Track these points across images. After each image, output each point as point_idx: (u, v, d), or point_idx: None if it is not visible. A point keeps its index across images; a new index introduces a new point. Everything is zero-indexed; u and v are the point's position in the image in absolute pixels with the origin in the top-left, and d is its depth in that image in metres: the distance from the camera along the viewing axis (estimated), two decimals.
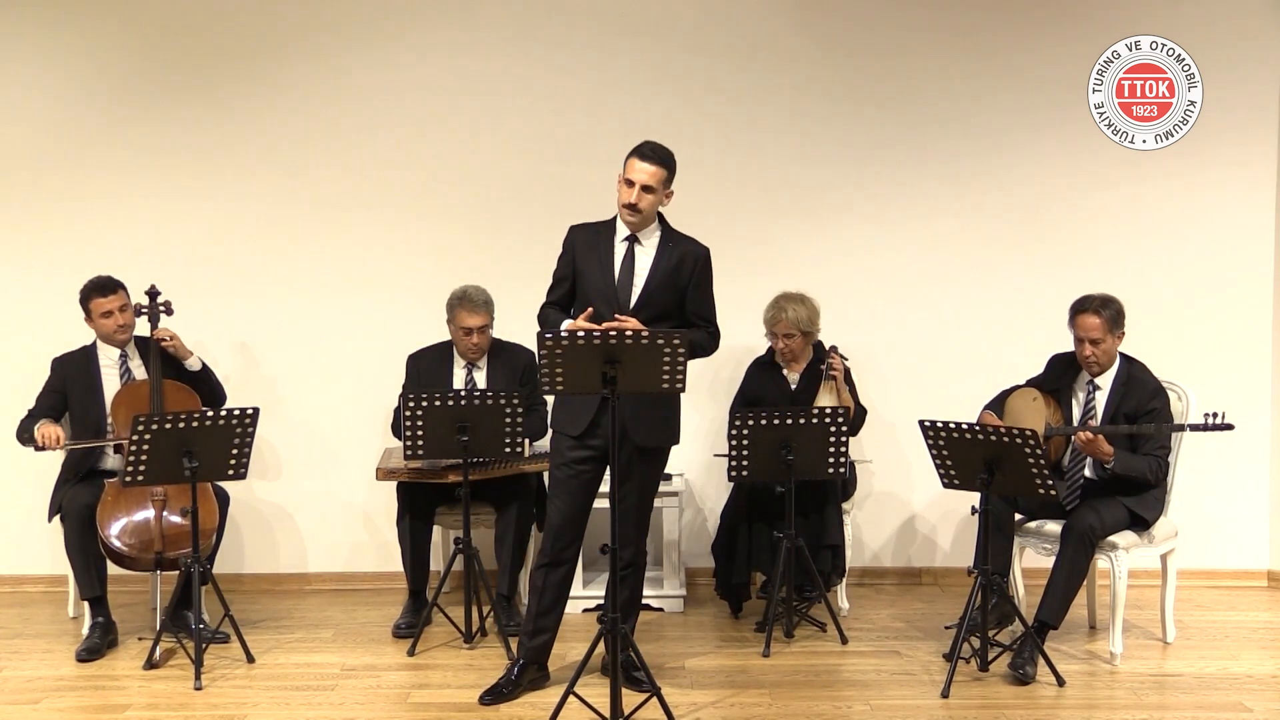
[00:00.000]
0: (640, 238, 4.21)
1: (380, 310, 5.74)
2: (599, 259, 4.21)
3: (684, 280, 4.22)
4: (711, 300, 4.32)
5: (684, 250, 4.24)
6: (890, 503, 5.87)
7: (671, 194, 4.23)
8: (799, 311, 5.20)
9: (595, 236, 4.26)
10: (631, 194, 4.12)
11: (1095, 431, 4.45)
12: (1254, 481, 5.78)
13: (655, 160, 4.14)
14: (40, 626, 5.22)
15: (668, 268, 4.19)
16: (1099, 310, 4.65)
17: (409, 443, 4.74)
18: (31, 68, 5.70)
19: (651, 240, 4.22)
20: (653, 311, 4.16)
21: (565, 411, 4.24)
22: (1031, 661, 4.40)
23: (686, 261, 4.22)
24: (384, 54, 5.71)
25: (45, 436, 4.80)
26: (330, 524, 5.84)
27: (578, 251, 4.25)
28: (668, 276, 4.19)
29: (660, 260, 4.20)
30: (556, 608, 4.33)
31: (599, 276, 4.19)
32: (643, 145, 4.18)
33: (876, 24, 5.73)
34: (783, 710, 4.18)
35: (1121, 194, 5.74)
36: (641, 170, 4.13)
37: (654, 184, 4.13)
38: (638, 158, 4.14)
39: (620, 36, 5.72)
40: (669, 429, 4.26)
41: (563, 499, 4.24)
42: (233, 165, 5.72)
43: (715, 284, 5.69)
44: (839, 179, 5.78)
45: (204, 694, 4.35)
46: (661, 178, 4.14)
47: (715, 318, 4.33)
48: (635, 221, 4.17)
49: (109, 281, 5.00)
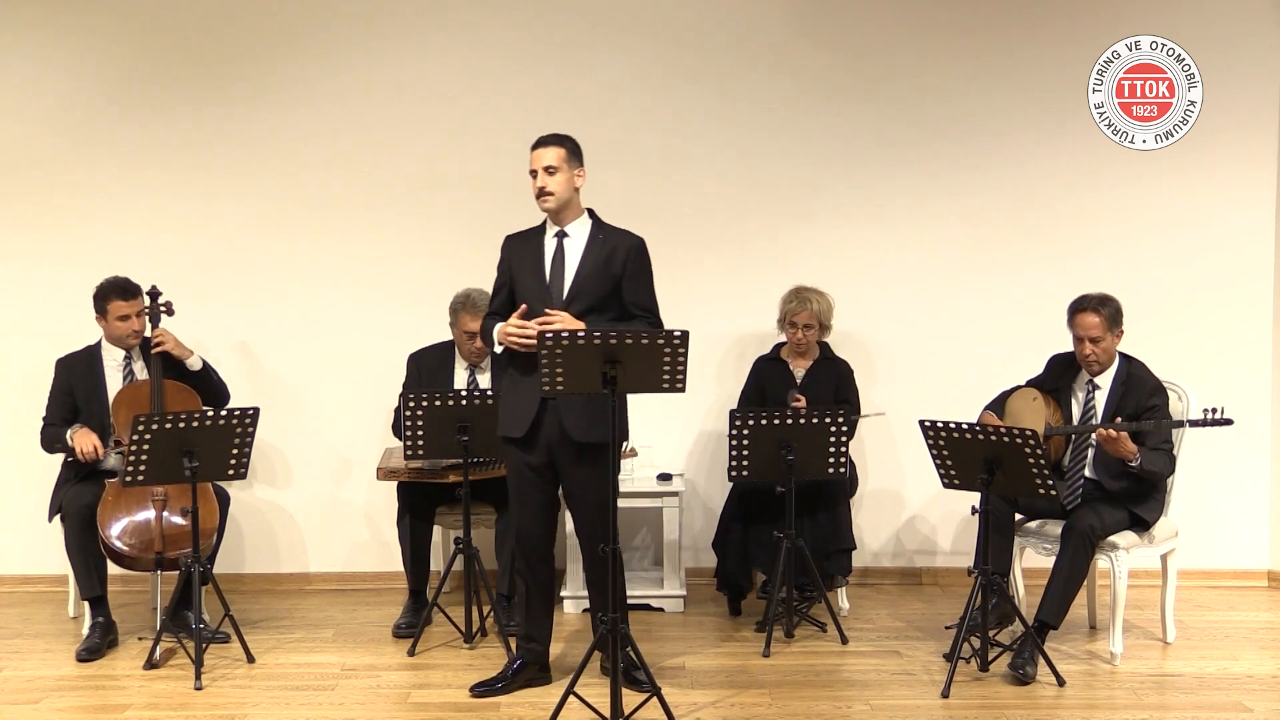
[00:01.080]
0: (569, 231, 4.20)
1: (381, 310, 5.75)
2: (530, 259, 4.21)
3: (617, 271, 4.16)
4: (650, 289, 4.23)
5: (616, 242, 4.19)
6: (890, 503, 5.87)
7: (583, 173, 4.20)
8: (821, 303, 5.25)
9: (526, 241, 4.27)
10: (538, 180, 4.15)
11: (1119, 429, 4.40)
12: (1254, 481, 5.78)
13: (551, 143, 4.17)
14: (40, 626, 5.22)
15: (598, 259, 4.16)
16: (1098, 309, 4.65)
17: (409, 443, 4.75)
18: (32, 68, 5.70)
19: (580, 233, 4.20)
20: (585, 304, 4.12)
21: (507, 414, 4.20)
22: (1032, 661, 4.40)
23: (619, 253, 4.17)
24: (385, 54, 5.71)
25: (85, 453, 4.80)
26: (331, 524, 5.84)
27: (511, 258, 4.27)
28: (599, 268, 4.15)
29: (589, 252, 4.17)
30: (545, 616, 4.34)
31: (531, 275, 4.19)
32: (538, 138, 4.21)
33: (877, 24, 5.73)
34: (783, 710, 4.18)
35: (1121, 194, 5.74)
36: (540, 156, 4.15)
37: (555, 162, 4.13)
38: (536, 148, 4.18)
39: (621, 36, 5.72)
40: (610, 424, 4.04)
41: (520, 506, 4.24)
42: (234, 165, 5.73)
43: (716, 282, 5.76)
44: (840, 178, 5.79)
45: (204, 694, 4.35)
46: (562, 156, 4.14)
47: (656, 307, 4.24)
48: (552, 206, 4.16)
49: (131, 285, 4.99)
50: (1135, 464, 4.49)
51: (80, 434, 4.85)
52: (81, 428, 4.89)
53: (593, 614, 4.32)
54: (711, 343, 5.69)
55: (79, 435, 4.84)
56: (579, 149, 4.22)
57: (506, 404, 4.22)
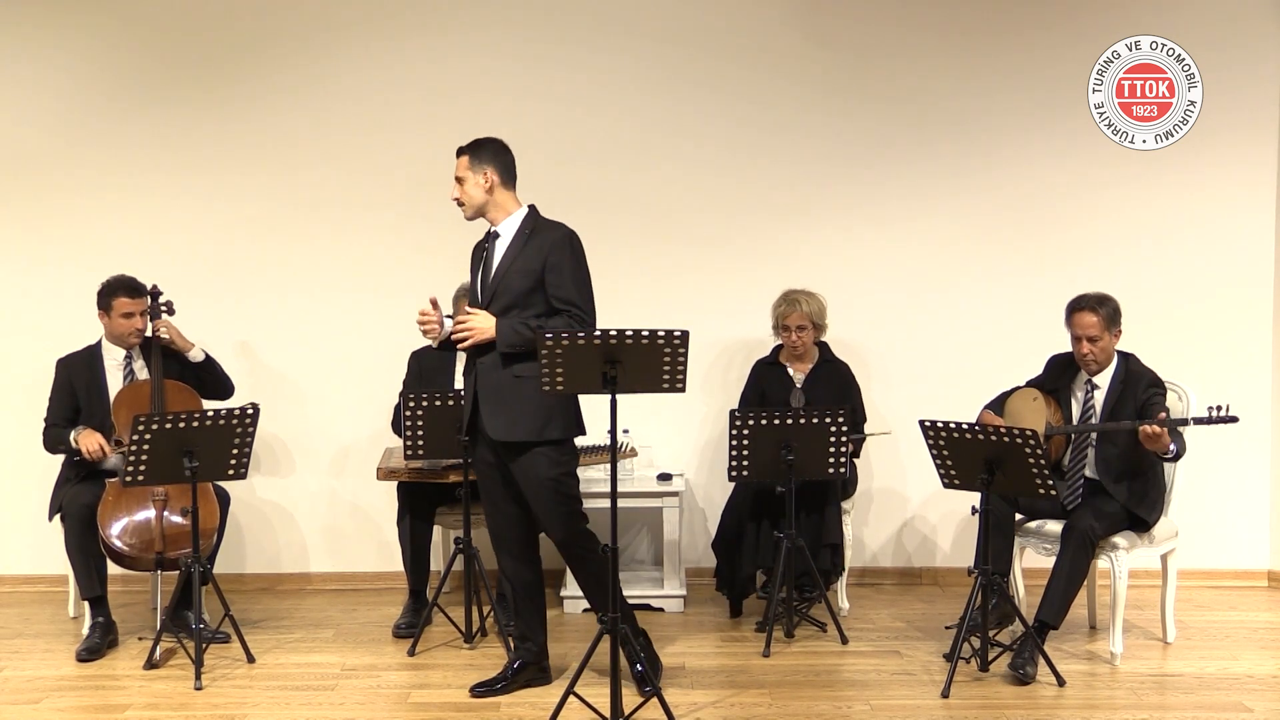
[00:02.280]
0: (499, 230, 4.20)
1: (381, 310, 5.74)
2: (475, 260, 4.28)
3: (538, 266, 4.08)
4: (574, 282, 4.08)
5: (541, 237, 4.15)
6: (890, 503, 5.87)
7: (489, 174, 4.17)
8: (811, 304, 5.23)
9: (480, 243, 4.30)
10: (453, 192, 4.22)
11: (1163, 424, 4.34)
12: (1254, 481, 5.78)
13: (459, 154, 4.22)
14: (40, 626, 5.22)
15: (517, 255, 4.13)
16: (1095, 308, 4.65)
17: (409, 442, 4.75)
18: (32, 68, 5.70)
19: (510, 231, 4.19)
20: (505, 301, 4.10)
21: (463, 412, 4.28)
22: (1032, 661, 4.40)
23: (543, 247, 4.11)
24: (385, 54, 5.71)
25: (91, 452, 4.80)
26: (331, 524, 5.84)
27: (473, 262, 4.32)
28: (519, 264, 4.12)
29: (512, 249, 4.16)
30: (535, 615, 4.34)
31: (472, 276, 4.27)
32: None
33: (877, 24, 5.73)
34: (783, 710, 4.18)
35: (1121, 194, 5.73)
36: (456, 167, 4.21)
37: (461, 172, 4.18)
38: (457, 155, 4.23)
39: (621, 37, 5.72)
40: (530, 423, 4.04)
41: (487, 504, 4.27)
42: (234, 165, 5.73)
43: (715, 282, 5.76)
44: (839, 178, 5.79)
45: (204, 694, 4.35)
46: (465, 164, 4.18)
47: (582, 300, 4.09)
48: (468, 215, 4.23)
49: (137, 284, 4.99)
50: (1170, 455, 4.47)
51: (85, 435, 4.85)
52: (85, 428, 4.89)
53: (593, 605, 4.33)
54: (711, 342, 5.69)
55: (83, 436, 4.84)
56: (486, 148, 4.20)
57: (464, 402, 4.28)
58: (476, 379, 4.13)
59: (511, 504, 4.21)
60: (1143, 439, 4.41)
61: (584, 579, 4.28)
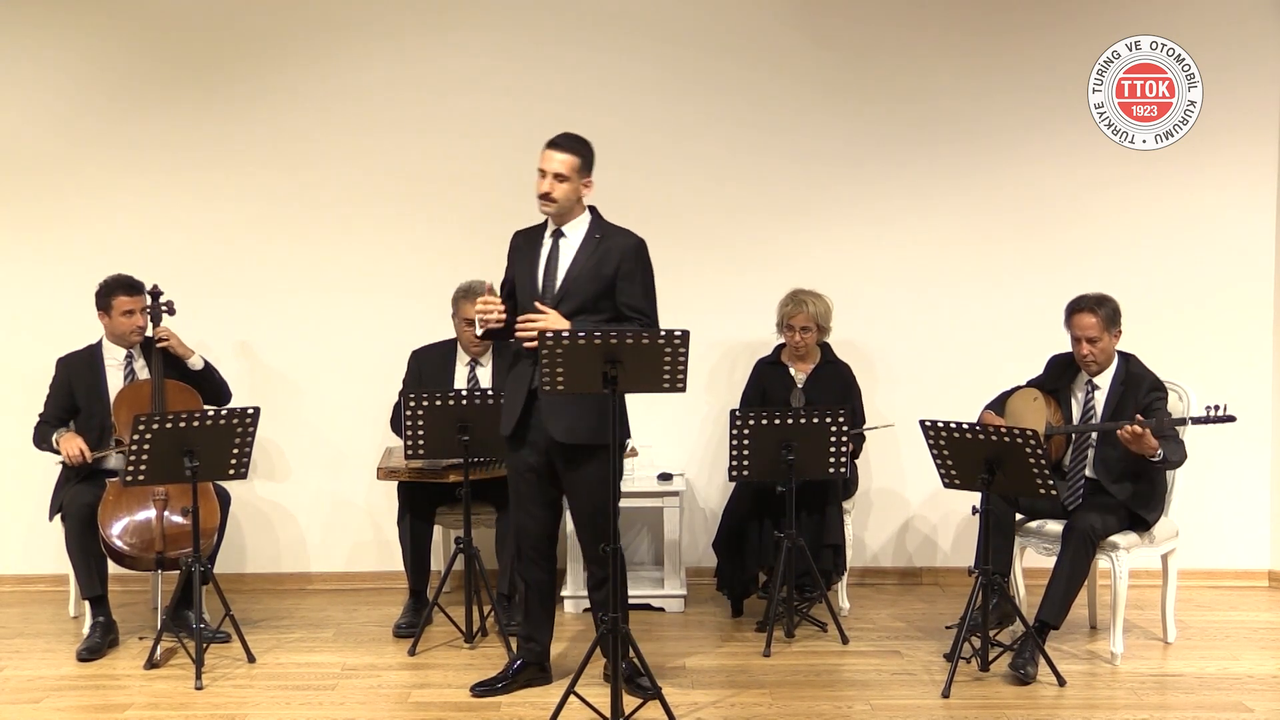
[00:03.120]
0: (565, 230, 4.16)
1: (382, 310, 5.74)
2: (529, 258, 4.20)
3: (610, 272, 4.11)
4: (646, 291, 4.15)
5: (611, 242, 4.14)
6: (890, 503, 5.87)
7: (591, 183, 4.16)
8: (818, 305, 5.23)
9: (529, 238, 4.25)
10: (544, 183, 4.09)
11: (1143, 425, 4.37)
12: (1255, 481, 5.78)
13: (567, 148, 4.10)
14: (41, 626, 5.22)
15: (590, 259, 4.12)
16: (1094, 309, 4.65)
17: (410, 442, 4.75)
18: (33, 68, 5.70)
19: (577, 233, 4.17)
20: (575, 304, 4.09)
21: (504, 411, 4.21)
22: (1032, 661, 4.40)
23: (613, 253, 4.12)
24: (385, 54, 5.71)
25: (71, 457, 4.81)
26: (331, 524, 5.84)
27: (515, 255, 4.25)
28: (591, 268, 4.11)
29: (583, 252, 4.13)
30: (545, 617, 4.34)
31: (527, 274, 4.18)
32: (557, 136, 4.14)
33: (877, 23, 5.73)
34: (783, 710, 4.18)
35: (1121, 194, 5.73)
36: (552, 159, 4.08)
37: (566, 171, 4.07)
38: (550, 148, 4.10)
39: (621, 36, 5.72)
40: (591, 426, 4.03)
41: (517, 505, 4.23)
42: (234, 165, 5.73)
43: (715, 282, 5.76)
44: (839, 178, 5.79)
45: (205, 693, 4.35)
46: (574, 165, 4.08)
47: (649, 309, 4.15)
48: (552, 211, 4.13)
49: (135, 281, 5.00)
50: (1158, 459, 4.47)
51: (66, 438, 4.86)
52: (68, 431, 4.89)
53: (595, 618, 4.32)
54: (712, 342, 5.69)
55: (65, 440, 4.85)
56: (593, 158, 4.16)
57: (505, 403, 4.23)
58: (533, 380, 4.04)
59: (544, 508, 4.22)
60: (1123, 440, 4.42)
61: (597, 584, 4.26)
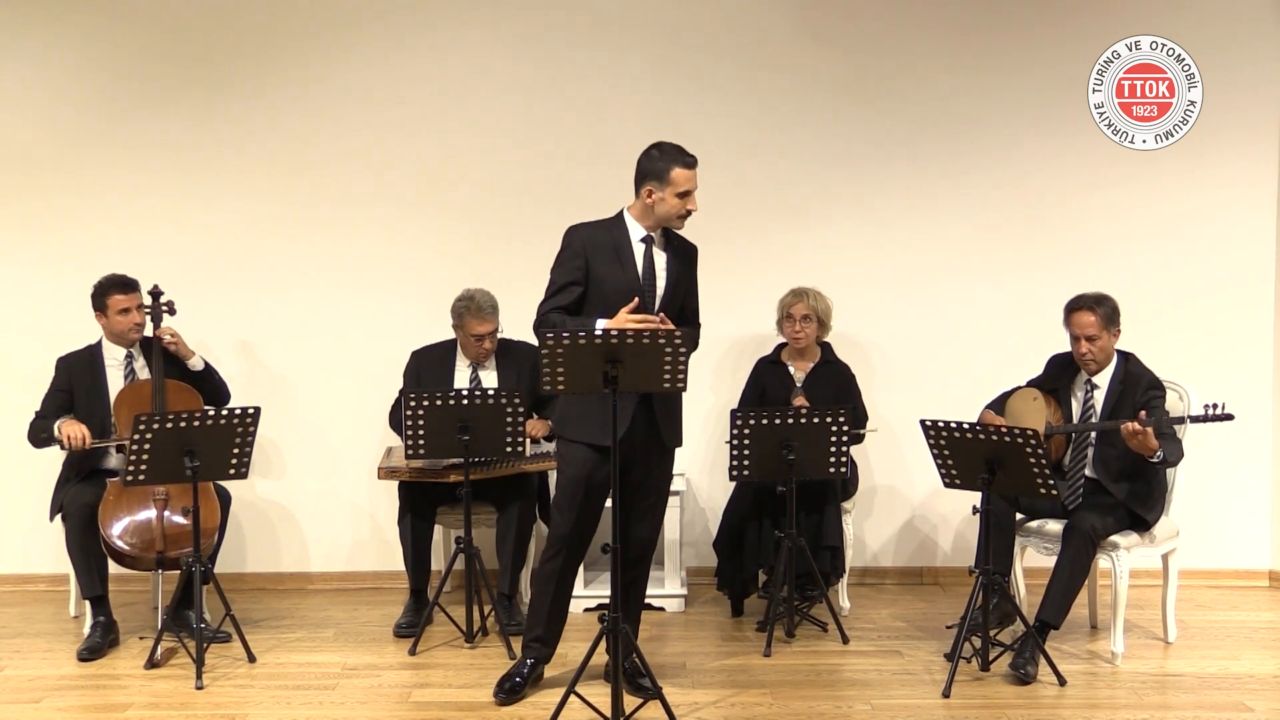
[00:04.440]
0: (654, 237, 4.21)
1: (382, 309, 5.75)
2: (620, 261, 4.12)
3: (688, 277, 4.27)
4: (698, 296, 4.37)
5: (682, 247, 4.28)
6: (891, 502, 5.87)
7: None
8: (819, 300, 5.25)
9: (608, 237, 4.15)
10: (690, 202, 4.16)
11: (1144, 423, 4.37)
12: (1255, 481, 5.78)
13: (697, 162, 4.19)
14: (41, 626, 5.22)
15: (679, 266, 4.23)
16: (1093, 307, 4.66)
17: (410, 442, 4.75)
18: (33, 68, 5.70)
19: (660, 239, 4.23)
20: (671, 311, 4.16)
21: (594, 422, 4.04)
22: (1033, 661, 4.40)
23: (686, 259, 4.27)
24: (385, 53, 5.71)
25: (71, 437, 4.80)
26: (332, 523, 5.84)
27: (591, 253, 4.13)
28: (680, 275, 4.23)
29: (673, 260, 4.21)
30: (559, 619, 4.34)
31: (622, 279, 4.10)
32: (685, 154, 4.17)
33: (877, 23, 5.73)
34: (784, 710, 4.18)
35: (1121, 194, 5.74)
36: (696, 176, 4.16)
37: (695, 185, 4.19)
38: (689, 167, 4.15)
39: (621, 36, 5.72)
40: (680, 429, 4.28)
41: (584, 512, 4.16)
42: (235, 164, 5.73)
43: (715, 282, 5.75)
44: (839, 178, 5.79)
45: (205, 693, 4.35)
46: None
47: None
48: (680, 226, 4.23)
49: (128, 279, 5.01)
50: (1158, 459, 4.47)
51: (67, 422, 4.86)
52: (69, 417, 4.89)
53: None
54: (712, 342, 5.67)
55: (66, 423, 4.85)
56: None
57: (594, 409, 4.04)
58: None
59: (598, 519, 4.26)
60: (1125, 438, 4.41)
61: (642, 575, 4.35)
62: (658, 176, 4.12)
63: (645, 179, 4.15)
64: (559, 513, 4.20)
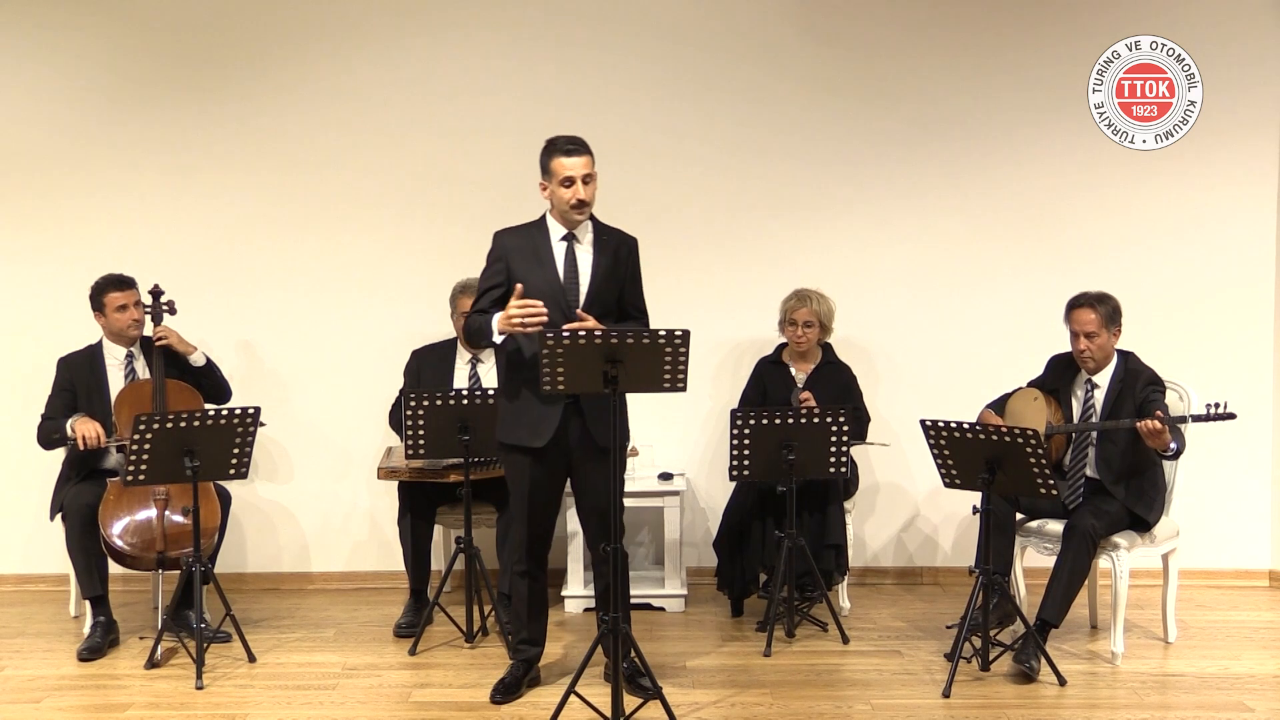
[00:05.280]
0: (577, 235, 4.13)
1: (382, 309, 5.75)
2: (539, 262, 4.09)
3: (622, 273, 4.15)
4: (641, 290, 4.24)
5: (617, 242, 4.16)
6: (891, 502, 5.87)
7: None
8: (822, 303, 5.26)
9: (528, 239, 4.14)
10: (580, 190, 4.01)
11: (1164, 421, 4.34)
12: (1255, 481, 5.78)
13: (586, 150, 4.06)
14: (41, 625, 5.22)
15: (608, 263, 4.12)
16: (1095, 304, 4.66)
17: (410, 442, 4.75)
18: (33, 68, 5.70)
19: (587, 236, 4.14)
20: (599, 309, 4.08)
21: (523, 425, 4.08)
22: (1033, 661, 4.40)
23: (621, 253, 4.15)
24: (384, 54, 5.71)
25: (86, 437, 4.79)
26: (332, 523, 5.84)
27: (512, 257, 4.12)
28: (609, 271, 4.12)
29: (599, 256, 4.12)
30: (541, 618, 4.34)
31: (541, 279, 4.06)
32: (564, 141, 4.05)
33: (877, 23, 5.73)
34: (784, 710, 4.18)
35: (1121, 194, 5.74)
36: (578, 164, 4.02)
37: (593, 171, 4.05)
38: (569, 155, 4.02)
39: (621, 36, 5.72)
40: (626, 428, 4.15)
41: (534, 513, 4.17)
42: (235, 165, 5.73)
43: (716, 282, 5.77)
44: (839, 177, 5.79)
45: (205, 693, 4.35)
46: (593, 164, 4.07)
47: (646, 307, 4.26)
48: (584, 219, 4.09)
49: (124, 277, 5.03)
50: (1170, 452, 4.46)
51: (82, 421, 4.85)
52: (82, 415, 4.89)
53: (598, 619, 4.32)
54: (712, 342, 5.70)
55: (80, 422, 4.84)
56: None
57: (522, 412, 4.09)
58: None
59: (554, 512, 4.24)
60: (1143, 435, 4.41)
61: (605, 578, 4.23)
62: (545, 170, 4.09)
63: (541, 175, 4.12)
64: (514, 516, 4.24)
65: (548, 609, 4.38)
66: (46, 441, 5.02)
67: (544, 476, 4.13)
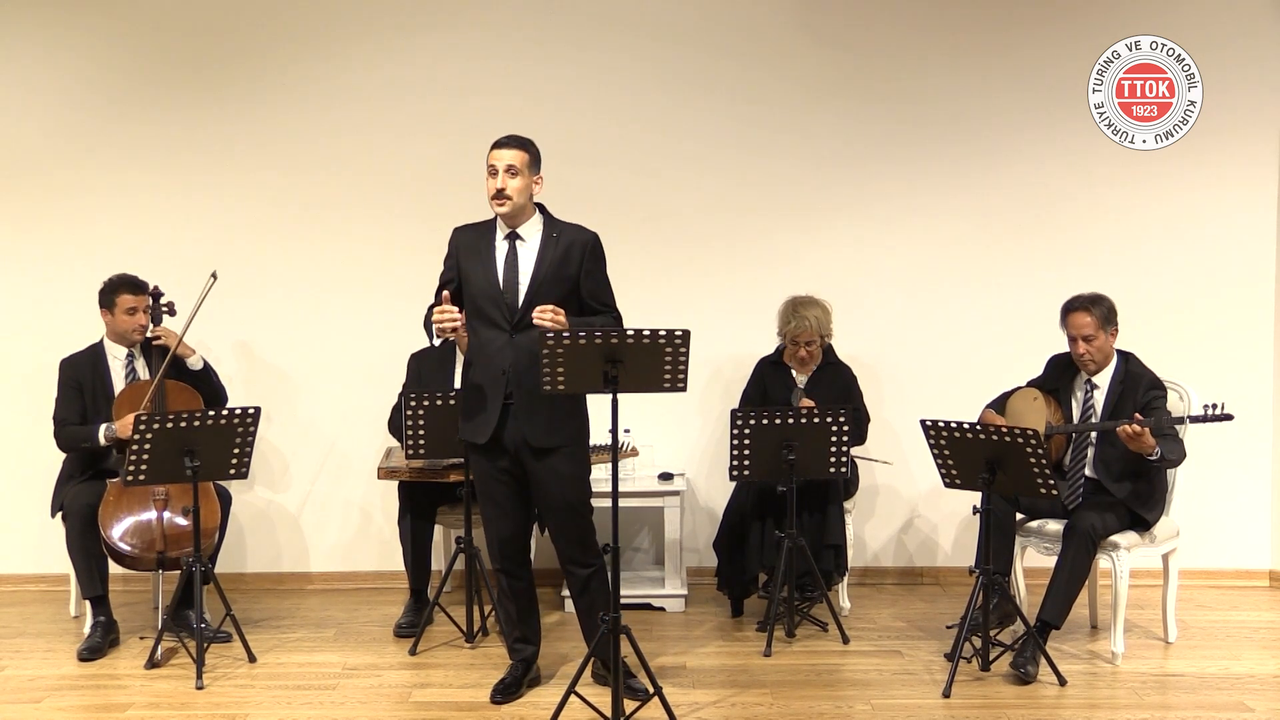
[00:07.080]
0: (521, 233, 4.11)
1: (382, 310, 5.74)
2: (481, 260, 4.10)
3: (573, 270, 4.09)
4: (607, 283, 4.18)
5: (570, 239, 4.12)
6: (891, 502, 5.87)
7: (541, 180, 4.12)
8: (820, 317, 5.21)
9: (477, 238, 4.15)
10: (496, 180, 4.02)
11: (1142, 424, 4.37)
12: (1255, 481, 5.78)
13: (514, 145, 4.06)
14: (41, 626, 5.22)
15: (554, 260, 4.08)
16: (1089, 307, 4.66)
17: (410, 442, 4.75)
18: (33, 68, 5.70)
19: (534, 235, 4.12)
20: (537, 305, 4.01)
21: (469, 421, 4.12)
22: (1033, 661, 4.40)
23: (574, 250, 4.10)
24: (384, 54, 5.71)
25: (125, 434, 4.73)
26: (332, 523, 5.84)
27: (461, 254, 4.15)
28: (554, 269, 4.08)
29: (545, 253, 4.09)
30: (531, 617, 4.34)
31: (482, 278, 4.08)
32: (499, 138, 4.10)
33: (877, 23, 5.73)
34: (784, 710, 4.18)
35: (1121, 194, 5.74)
36: (500, 155, 4.04)
37: (517, 164, 4.02)
38: (495, 147, 4.06)
39: (621, 36, 5.72)
40: (569, 428, 4.10)
41: (496, 512, 4.17)
42: (235, 166, 5.73)
43: (716, 282, 5.77)
44: (840, 178, 5.79)
45: (205, 693, 4.35)
46: (524, 160, 4.04)
47: (614, 301, 4.20)
48: (506, 211, 4.05)
49: (139, 280, 5.02)
50: (1155, 457, 4.47)
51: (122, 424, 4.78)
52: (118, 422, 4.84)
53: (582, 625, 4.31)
54: (712, 342, 5.68)
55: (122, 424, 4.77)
56: (539, 156, 4.13)
57: (468, 409, 4.13)
58: (506, 385, 4.03)
59: (520, 509, 4.20)
60: (1122, 439, 4.42)
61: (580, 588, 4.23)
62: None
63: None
64: (484, 517, 4.26)
65: (537, 607, 4.38)
66: (74, 447, 4.96)
67: (495, 473, 4.12)
